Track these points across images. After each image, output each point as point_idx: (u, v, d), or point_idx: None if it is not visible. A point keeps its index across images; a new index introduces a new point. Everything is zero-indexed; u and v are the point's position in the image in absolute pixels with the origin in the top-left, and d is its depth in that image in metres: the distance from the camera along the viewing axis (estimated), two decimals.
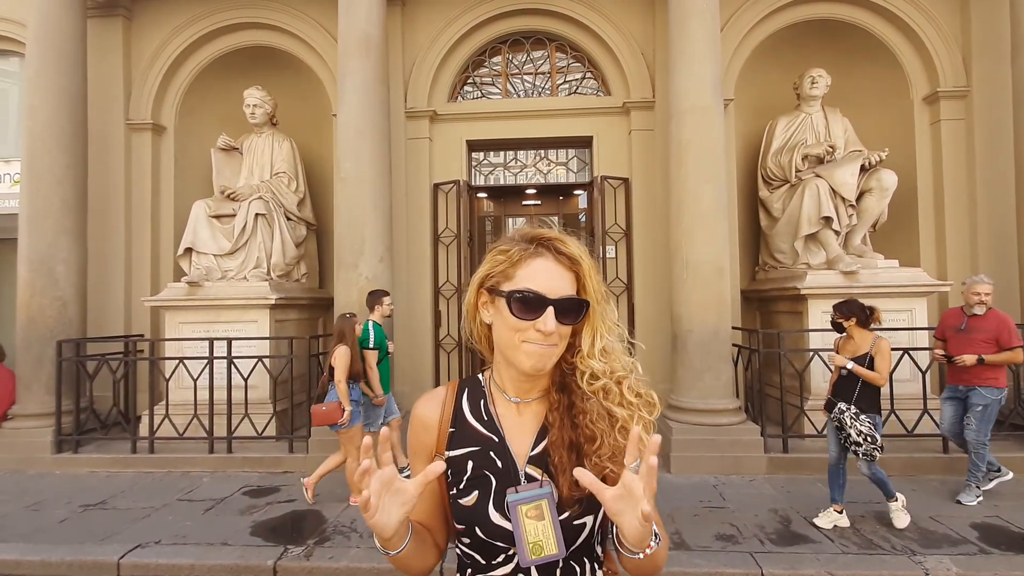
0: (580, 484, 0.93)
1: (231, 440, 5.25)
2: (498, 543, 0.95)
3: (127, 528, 3.87)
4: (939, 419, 4.41)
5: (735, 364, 5.38)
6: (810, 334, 5.18)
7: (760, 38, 6.39)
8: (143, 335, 6.39)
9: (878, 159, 5.68)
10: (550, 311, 0.91)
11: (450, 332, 6.69)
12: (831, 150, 5.85)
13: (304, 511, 4.15)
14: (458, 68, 6.80)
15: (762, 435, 4.92)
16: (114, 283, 6.56)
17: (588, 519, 0.96)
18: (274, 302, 5.66)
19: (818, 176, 5.72)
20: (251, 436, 5.27)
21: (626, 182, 6.54)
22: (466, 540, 0.99)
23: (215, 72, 6.94)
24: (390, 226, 5.68)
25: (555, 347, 0.94)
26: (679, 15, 5.29)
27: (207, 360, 5.26)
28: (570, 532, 0.94)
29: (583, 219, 7.69)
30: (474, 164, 7.16)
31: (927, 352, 4.79)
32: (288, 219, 6.33)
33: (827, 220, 5.59)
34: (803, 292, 5.28)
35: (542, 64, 6.97)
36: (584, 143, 6.88)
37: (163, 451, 5.30)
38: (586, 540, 0.96)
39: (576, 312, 0.94)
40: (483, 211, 7.75)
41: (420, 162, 6.62)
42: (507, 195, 7.76)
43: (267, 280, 5.85)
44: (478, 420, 1.03)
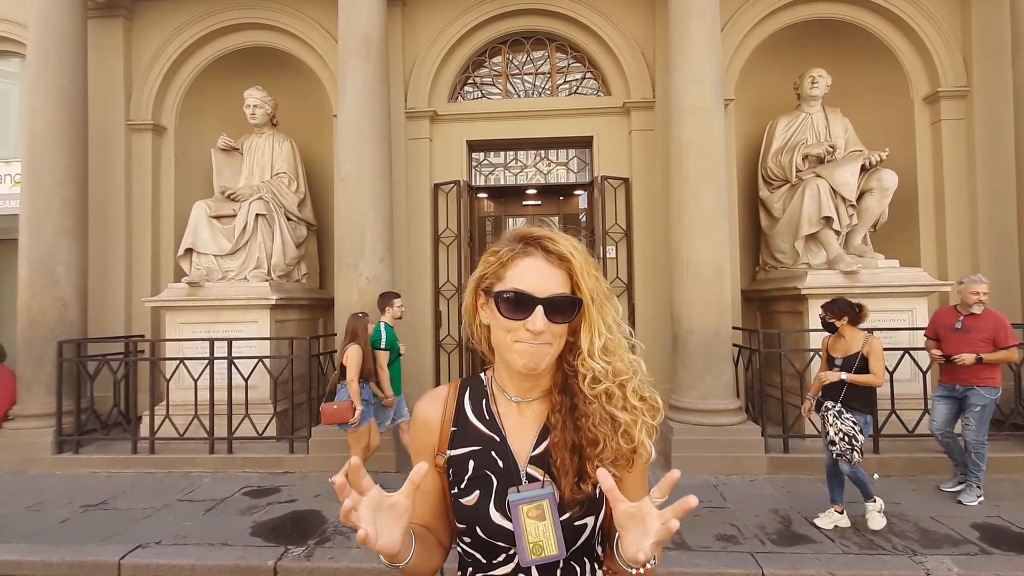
0: (584, 486, 0.93)
1: (232, 440, 5.25)
2: (499, 543, 0.95)
3: (128, 528, 3.87)
4: (930, 418, 4.38)
5: (736, 364, 5.37)
6: (811, 334, 5.16)
7: (760, 38, 6.39)
8: (144, 335, 6.39)
9: (878, 159, 5.68)
10: (539, 310, 0.90)
11: (450, 332, 6.69)
12: (831, 150, 5.85)
13: (304, 511, 4.15)
14: (458, 68, 6.80)
15: (763, 435, 4.92)
16: (115, 283, 6.56)
17: (589, 520, 0.95)
18: (274, 302, 5.67)
19: (818, 176, 5.72)
20: (252, 436, 5.27)
21: (626, 182, 6.54)
22: (467, 539, 0.99)
23: (215, 73, 6.94)
24: (390, 226, 5.67)
25: (548, 346, 0.93)
26: (679, 15, 5.29)
27: (208, 360, 5.27)
28: (571, 533, 0.93)
29: (583, 219, 7.68)
30: (474, 164, 7.16)
31: (927, 352, 4.78)
32: (288, 219, 6.33)
33: (827, 220, 5.59)
34: (804, 292, 5.28)
35: (542, 64, 6.97)
36: (584, 143, 6.88)
37: (164, 451, 5.30)
38: (587, 541, 0.96)
39: (569, 310, 0.93)
40: (483, 211, 7.75)
41: (420, 162, 6.62)
42: (507, 195, 7.76)
43: (267, 280, 5.86)
44: (480, 419, 1.02)
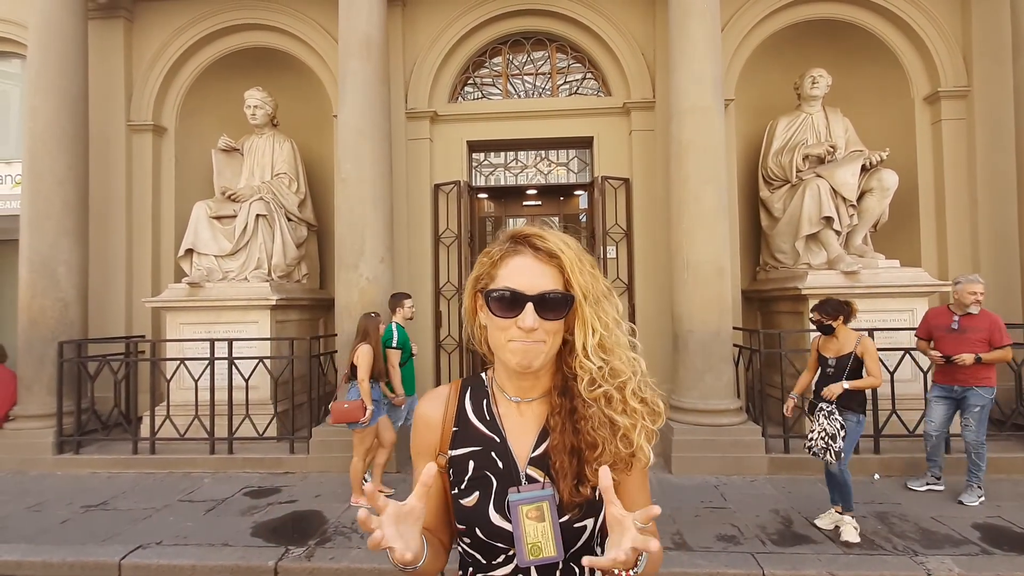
0: (583, 489, 0.92)
1: (232, 441, 5.26)
2: (498, 544, 0.95)
3: (128, 529, 3.87)
4: (927, 419, 4.35)
5: (736, 364, 5.37)
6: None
7: (761, 38, 6.39)
8: (144, 336, 6.40)
9: (879, 159, 5.67)
10: (529, 307, 0.91)
11: (451, 333, 6.69)
12: (832, 150, 5.84)
13: (305, 512, 4.15)
14: (458, 69, 6.80)
15: (763, 435, 4.91)
16: (115, 284, 6.57)
17: (589, 522, 0.95)
18: (275, 303, 5.67)
19: (819, 176, 5.72)
20: (252, 437, 5.27)
21: (627, 182, 6.54)
22: (467, 540, 0.99)
23: (216, 73, 6.95)
24: (391, 227, 5.67)
25: (542, 343, 0.92)
26: (679, 15, 5.29)
27: (208, 361, 5.27)
28: (570, 535, 0.93)
29: (584, 219, 7.69)
30: (475, 165, 7.16)
31: (924, 353, 4.77)
32: (289, 220, 6.33)
33: (828, 220, 5.59)
34: (804, 292, 5.28)
35: (542, 65, 6.97)
36: (585, 143, 6.88)
37: (164, 452, 5.30)
38: (586, 543, 0.95)
39: (561, 306, 0.93)
40: (484, 212, 7.76)
41: (421, 163, 6.62)
42: (508, 196, 7.76)
43: (268, 281, 5.86)
44: (480, 420, 1.02)
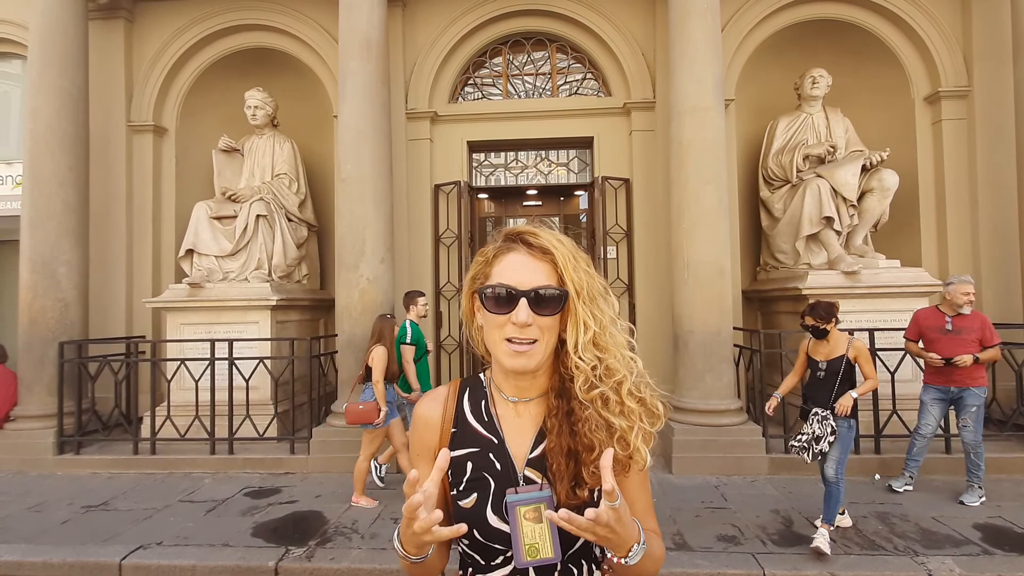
0: (580, 492, 0.92)
1: (232, 441, 5.26)
2: (496, 545, 0.95)
3: (129, 529, 3.87)
4: (923, 421, 4.29)
5: (736, 364, 5.37)
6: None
7: (761, 38, 6.39)
8: (144, 336, 6.40)
9: (879, 159, 5.67)
10: (523, 302, 0.91)
11: (451, 333, 6.69)
12: (832, 150, 5.84)
13: (305, 512, 4.15)
14: (459, 69, 6.80)
15: (764, 436, 4.91)
16: (116, 284, 6.57)
17: None
18: (275, 303, 5.67)
19: (819, 176, 5.72)
20: (252, 437, 5.27)
21: (627, 183, 6.54)
22: (466, 541, 0.98)
23: (216, 74, 6.95)
24: (391, 227, 5.67)
25: (537, 342, 0.93)
26: (679, 15, 5.29)
27: (208, 361, 5.27)
28: (568, 536, 0.92)
29: (584, 220, 7.68)
30: (475, 165, 7.16)
31: (920, 355, 4.73)
32: (289, 220, 6.34)
33: (828, 220, 5.59)
34: (804, 292, 5.26)
35: (543, 65, 6.97)
36: (585, 144, 6.88)
37: (165, 452, 5.31)
38: (584, 544, 0.95)
39: (555, 302, 0.93)
40: (484, 212, 7.75)
41: (421, 163, 6.62)
42: (508, 196, 7.76)
43: (268, 281, 5.87)
44: (479, 421, 1.02)
